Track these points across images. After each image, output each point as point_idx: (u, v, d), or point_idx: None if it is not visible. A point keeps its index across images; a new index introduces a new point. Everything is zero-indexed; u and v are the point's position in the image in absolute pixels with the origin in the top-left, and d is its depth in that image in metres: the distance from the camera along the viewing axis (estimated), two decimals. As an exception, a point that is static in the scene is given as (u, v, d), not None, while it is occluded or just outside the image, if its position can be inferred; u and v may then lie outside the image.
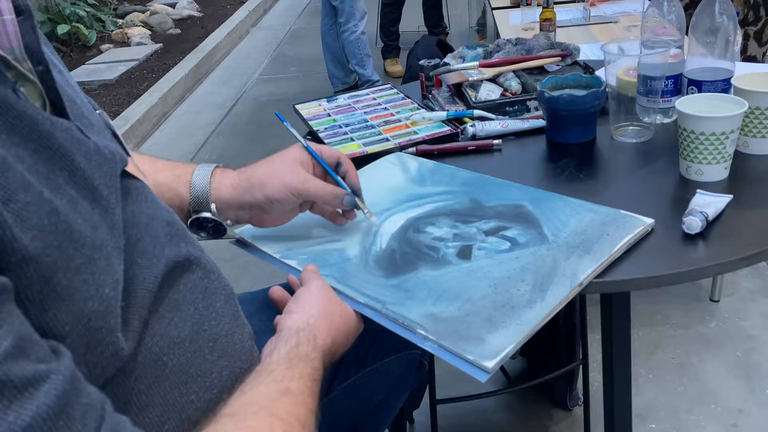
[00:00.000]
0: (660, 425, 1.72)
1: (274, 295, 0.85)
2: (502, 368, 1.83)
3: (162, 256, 0.64)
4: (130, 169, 0.66)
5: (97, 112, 0.70)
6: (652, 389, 1.82)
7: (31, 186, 0.51)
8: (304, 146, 0.93)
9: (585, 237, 0.89)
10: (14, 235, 0.48)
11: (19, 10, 0.57)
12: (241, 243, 0.98)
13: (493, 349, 0.72)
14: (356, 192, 0.92)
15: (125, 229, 0.60)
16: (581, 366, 1.70)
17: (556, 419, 1.78)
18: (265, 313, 0.92)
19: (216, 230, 0.91)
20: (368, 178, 1.06)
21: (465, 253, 0.88)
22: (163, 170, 0.91)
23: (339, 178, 0.92)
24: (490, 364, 0.71)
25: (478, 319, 0.76)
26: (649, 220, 0.90)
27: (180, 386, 0.63)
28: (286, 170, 0.88)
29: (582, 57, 1.45)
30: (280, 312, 0.81)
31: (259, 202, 0.89)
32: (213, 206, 0.89)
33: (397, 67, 4.49)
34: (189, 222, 0.90)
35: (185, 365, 0.64)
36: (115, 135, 0.70)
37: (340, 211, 0.95)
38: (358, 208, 0.93)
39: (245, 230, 0.97)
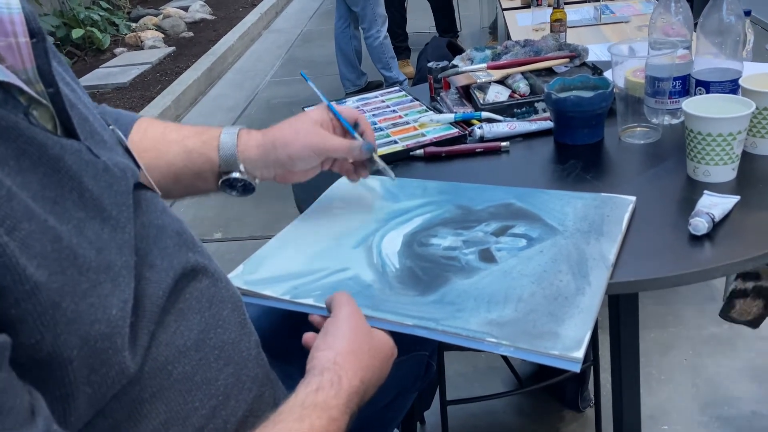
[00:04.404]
0: (672, 427, 1.71)
1: (310, 342, 0.77)
2: (512, 369, 1.83)
3: (170, 269, 0.65)
4: (141, 179, 0.67)
5: (110, 127, 0.71)
6: (665, 390, 1.82)
7: (35, 214, 0.52)
8: (327, 105, 0.98)
9: (590, 221, 0.92)
10: (22, 264, 0.49)
11: (33, 33, 0.59)
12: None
13: (573, 339, 0.73)
14: (371, 146, 0.96)
15: (135, 242, 0.61)
16: (592, 367, 1.70)
17: (568, 420, 1.77)
18: (270, 316, 0.93)
19: (245, 189, 0.96)
20: (335, 203, 1.05)
21: (487, 257, 0.88)
22: (191, 136, 0.96)
23: (357, 136, 0.97)
24: (579, 354, 0.71)
25: (541, 316, 0.76)
26: (632, 198, 0.95)
27: (185, 394, 0.63)
28: (307, 131, 0.94)
29: (593, 57, 1.45)
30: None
31: (282, 161, 0.94)
32: (241, 166, 0.94)
33: (409, 68, 4.49)
34: (220, 183, 0.95)
35: (190, 373, 0.64)
36: (126, 150, 0.71)
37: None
38: (372, 163, 0.98)
39: (236, 276, 0.90)
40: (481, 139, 1.23)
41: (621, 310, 1.18)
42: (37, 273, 0.50)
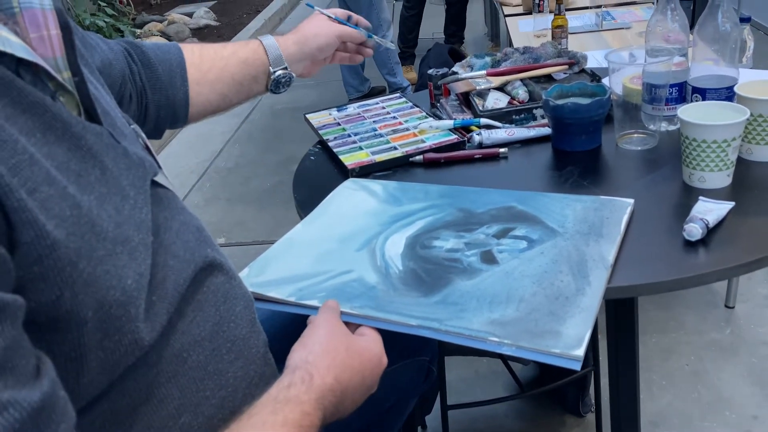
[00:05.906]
0: (673, 432, 1.72)
1: None
2: (513, 374, 1.83)
3: (191, 261, 0.68)
4: (160, 180, 0.70)
5: (132, 126, 0.75)
6: (666, 396, 1.82)
7: (55, 181, 0.55)
8: (326, 14, 1.27)
9: (590, 224, 0.93)
10: (41, 221, 0.52)
11: (61, 26, 0.63)
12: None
13: (574, 338, 0.74)
14: (368, 29, 1.30)
15: (159, 232, 0.65)
16: (592, 372, 1.70)
17: (569, 425, 1.78)
18: (276, 320, 0.95)
19: (287, 83, 1.21)
20: (339, 207, 1.06)
21: (489, 258, 0.89)
22: (239, 49, 1.17)
23: (353, 26, 1.28)
24: (580, 352, 0.72)
25: (542, 315, 0.78)
26: (630, 200, 0.97)
27: (198, 382, 0.67)
28: (328, 24, 1.23)
29: (594, 64, 1.45)
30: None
31: (313, 52, 1.21)
32: (285, 63, 1.18)
33: (412, 74, 4.50)
34: (272, 80, 1.18)
35: (204, 363, 0.67)
36: (147, 147, 0.75)
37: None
38: (368, 45, 1.30)
39: (242, 278, 0.90)
40: (480, 146, 1.24)
41: (618, 315, 1.19)
42: (55, 231, 0.53)
